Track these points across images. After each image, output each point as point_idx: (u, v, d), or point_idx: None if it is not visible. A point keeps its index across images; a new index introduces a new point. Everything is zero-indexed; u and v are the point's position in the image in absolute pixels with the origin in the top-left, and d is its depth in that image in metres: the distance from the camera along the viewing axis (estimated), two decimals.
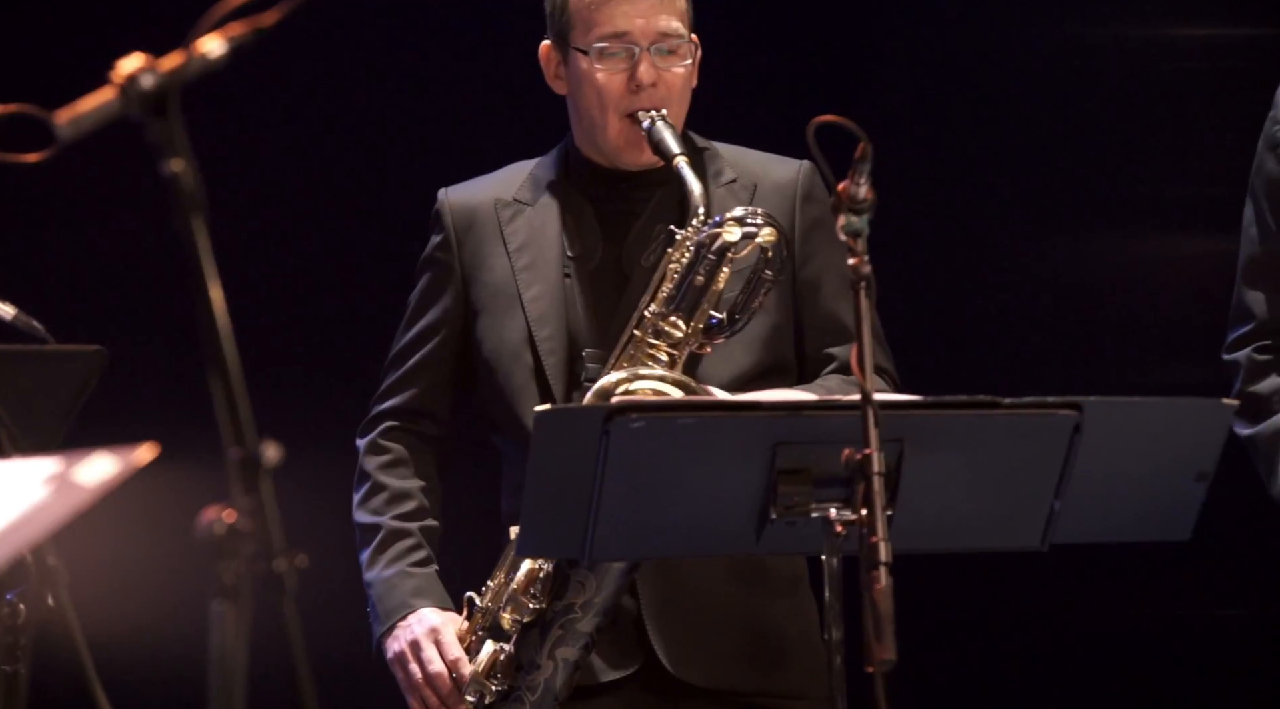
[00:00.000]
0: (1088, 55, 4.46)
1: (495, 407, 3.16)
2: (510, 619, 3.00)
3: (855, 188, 2.40)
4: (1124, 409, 2.48)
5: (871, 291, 2.40)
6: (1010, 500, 2.48)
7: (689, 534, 2.50)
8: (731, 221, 2.98)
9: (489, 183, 3.26)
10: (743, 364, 3.10)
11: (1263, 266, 3.08)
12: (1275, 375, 3.05)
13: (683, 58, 3.10)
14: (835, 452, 2.37)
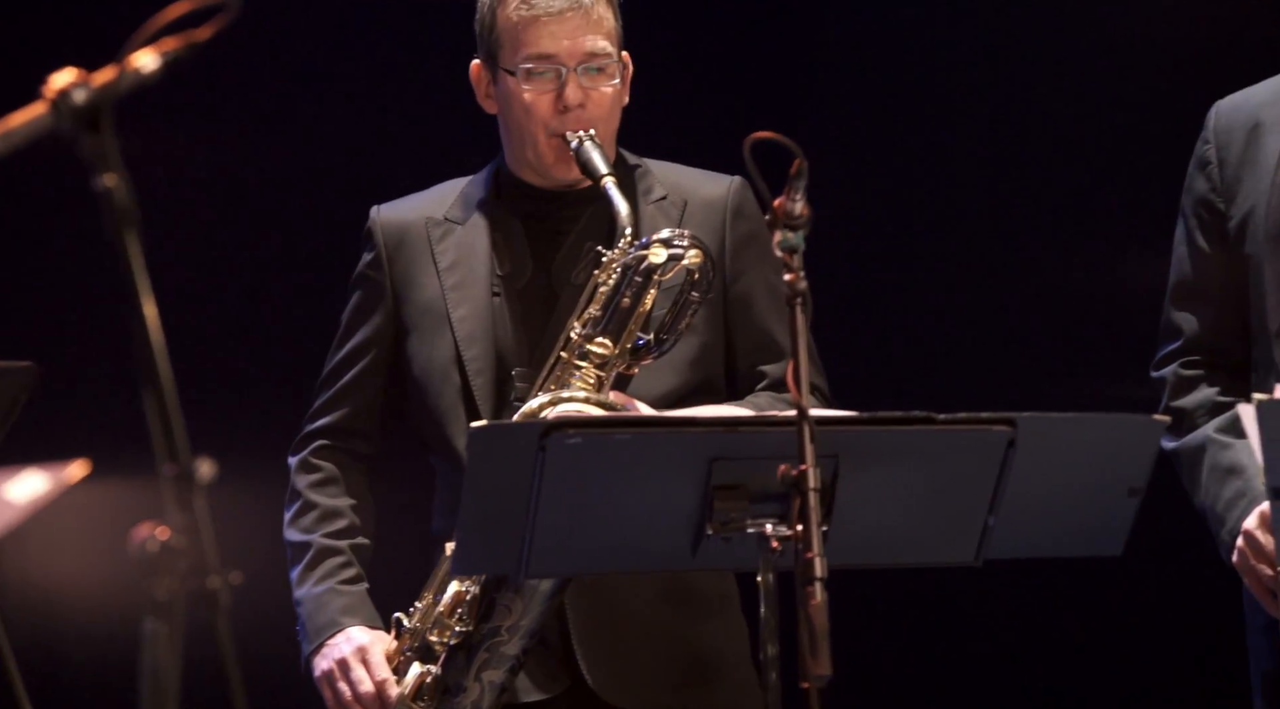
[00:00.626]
0: (1025, 70, 4.48)
1: (425, 426, 3.16)
2: (437, 641, 2.99)
3: (791, 204, 2.41)
4: (1058, 424, 2.49)
5: (807, 307, 2.41)
6: (945, 516, 2.49)
7: (625, 550, 2.50)
8: (658, 243, 2.99)
9: (420, 201, 3.25)
10: (672, 383, 3.10)
11: (1191, 286, 3.11)
12: (1200, 390, 3.08)
13: (610, 77, 3.11)
14: (771, 467, 2.37)
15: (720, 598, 3.15)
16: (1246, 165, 3.07)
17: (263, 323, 4.53)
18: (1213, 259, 3.09)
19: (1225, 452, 3.02)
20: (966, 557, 2.51)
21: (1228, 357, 3.10)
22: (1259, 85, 3.13)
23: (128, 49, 1.84)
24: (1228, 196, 3.09)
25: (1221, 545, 3.02)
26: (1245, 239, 3.05)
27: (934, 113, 4.54)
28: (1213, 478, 3.02)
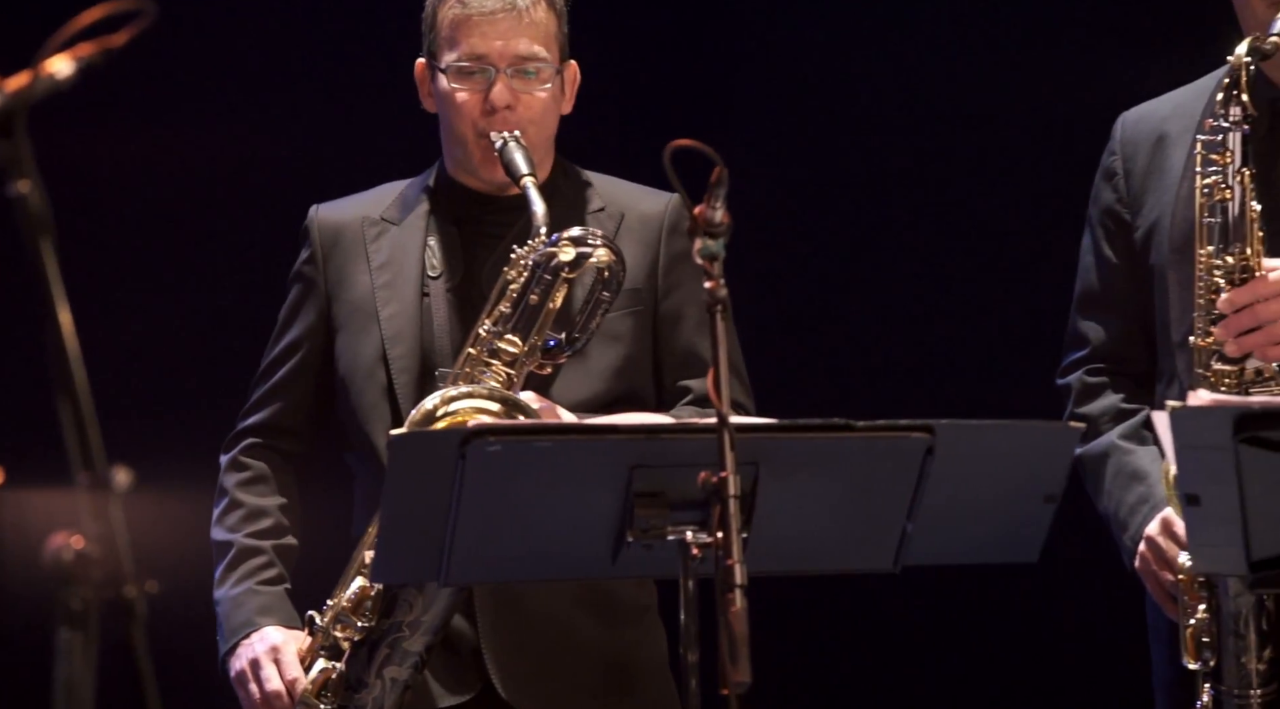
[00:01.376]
0: (946, 79, 4.51)
1: (349, 424, 3.15)
2: (342, 637, 2.98)
3: (711, 212, 2.42)
4: (975, 432, 2.51)
5: (728, 315, 2.42)
6: (864, 522, 2.50)
7: (546, 557, 2.50)
8: (567, 241, 2.99)
9: (359, 201, 3.26)
10: (593, 389, 3.10)
11: (1098, 295, 3.13)
12: (1104, 397, 3.11)
13: (544, 82, 3.11)
14: (692, 474, 2.37)
15: (640, 607, 3.15)
16: (1152, 176, 3.11)
17: (182, 326, 4.49)
18: (1119, 269, 3.12)
19: (1129, 458, 3.05)
20: (885, 564, 2.52)
21: (1132, 366, 3.13)
22: (1164, 97, 3.18)
23: (42, 54, 1.82)
24: (1134, 207, 3.12)
25: (1124, 551, 3.05)
26: (1151, 250, 3.09)
27: (856, 120, 4.55)
28: (1116, 484, 3.05)
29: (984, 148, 4.46)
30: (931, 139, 4.51)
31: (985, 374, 4.26)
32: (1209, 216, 2.95)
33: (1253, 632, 2.86)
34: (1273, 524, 2.35)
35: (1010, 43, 4.49)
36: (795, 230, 4.54)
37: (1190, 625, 2.91)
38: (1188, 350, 3.00)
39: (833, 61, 4.55)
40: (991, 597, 4.42)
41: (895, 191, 4.55)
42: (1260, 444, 2.33)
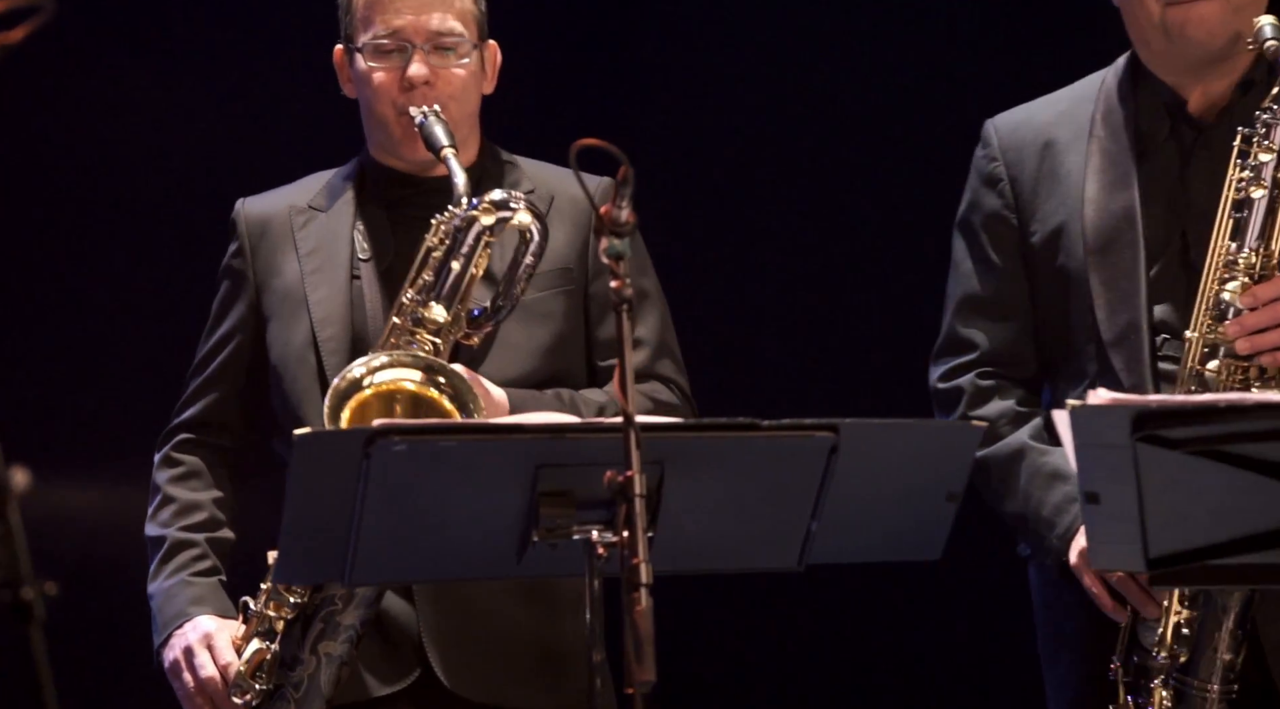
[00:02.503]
0: (851, 76, 4.53)
1: (282, 411, 3.14)
2: (276, 617, 2.97)
3: (617, 211, 2.42)
4: (879, 431, 2.53)
5: (633, 313, 2.43)
6: (769, 521, 2.52)
7: (451, 557, 2.50)
8: (488, 205, 2.98)
9: (286, 192, 3.26)
10: (525, 368, 3.10)
11: (984, 300, 3.15)
12: (998, 400, 3.13)
13: (462, 57, 3.11)
14: (597, 473, 2.38)
15: (577, 597, 3.12)
16: (1044, 181, 3.13)
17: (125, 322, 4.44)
18: (1008, 274, 3.14)
19: (1046, 458, 3.07)
20: (790, 562, 2.53)
21: (1022, 370, 3.15)
22: (1036, 103, 3.20)
23: None
24: (1026, 212, 3.14)
25: (1048, 550, 3.06)
26: (1058, 253, 3.11)
27: (767, 116, 4.57)
28: (1034, 484, 3.07)
29: (890, 145, 4.49)
30: (840, 134, 4.53)
31: (889, 373, 4.28)
32: (1237, 212, 2.96)
33: (1236, 626, 2.89)
34: (1170, 522, 2.38)
35: (912, 45, 4.52)
36: (701, 228, 4.55)
37: (1140, 620, 2.93)
38: (1126, 348, 3.03)
39: (738, 63, 4.56)
40: (898, 593, 4.45)
41: (801, 189, 4.57)
42: (1158, 442, 2.36)
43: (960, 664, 4.53)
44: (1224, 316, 2.96)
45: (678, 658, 3.78)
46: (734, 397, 4.30)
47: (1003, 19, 4.46)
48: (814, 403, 2.96)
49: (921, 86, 4.47)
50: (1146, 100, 3.10)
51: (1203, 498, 2.37)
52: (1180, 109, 3.09)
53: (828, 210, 4.55)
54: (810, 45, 4.54)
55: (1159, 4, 3.03)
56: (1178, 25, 3.01)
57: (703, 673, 4.52)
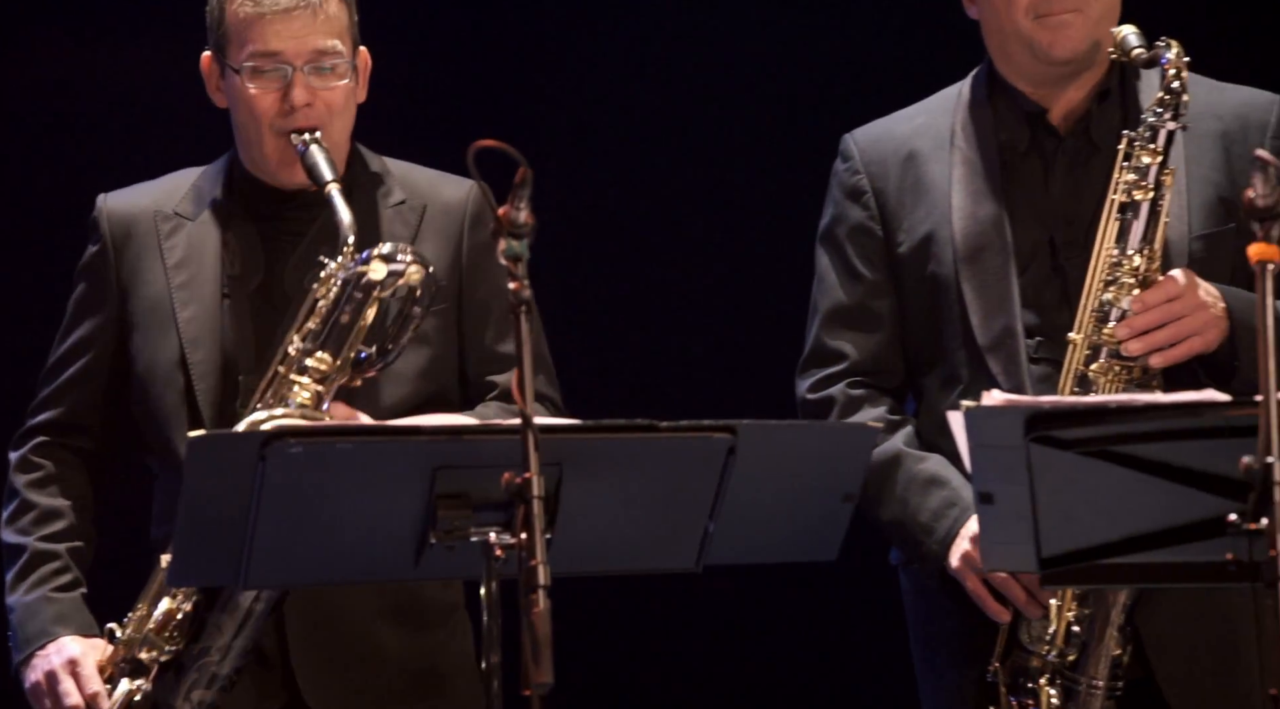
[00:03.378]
0: (744, 87, 4.55)
1: (146, 428, 3.10)
2: (149, 658, 2.94)
3: (515, 212, 2.42)
4: (776, 432, 2.54)
5: (532, 315, 2.42)
6: (667, 522, 2.52)
7: (347, 560, 2.49)
8: (378, 259, 2.95)
9: (150, 191, 3.19)
10: (401, 394, 3.08)
11: (851, 311, 3.17)
12: (869, 408, 3.15)
13: (341, 76, 3.07)
14: (495, 475, 2.38)
15: (447, 608, 3.13)
16: (909, 192, 3.17)
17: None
18: (874, 284, 3.17)
19: (921, 464, 3.10)
20: (687, 563, 2.54)
21: (890, 379, 3.18)
22: (894, 117, 3.24)
23: None
24: (892, 223, 3.17)
25: (927, 555, 3.07)
26: (927, 260, 3.14)
27: (657, 120, 4.58)
28: (911, 490, 3.09)
29: (791, 145, 4.51)
30: (737, 136, 4.55)
31: (787, 375, 4.30)
32: (1120, 215, 3.01)
33: (1125, 622, 2.93)
34: (1062, 522, 2.41)
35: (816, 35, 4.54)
36: (599, 230, 4.55)
37: (1026, 621, 2.95)
38: (1003, 352, 3.06)
39: (634, 67, 4.57)
40: (794, 594, 4.46)
41: (700, 190, 4.58)
42: (1051, 443, 2.38)
43: (841, 668, 4.55)
44: (1107, 319, 3.00)
45: (575, 660, 3.77)
46: (633, 398, 4.31)
47: (871, 34, 4.51)
48: (712, 404, 2.97)
49: (826, 88, 4.49)
50: (1006, 111, 3.15)
51: (1094, 498, 2.40)
52: (1040, 119, 3.14)
53: (727, 211, 4.57)
54: (704, 47, 4.56)
55: (1026, 18, 3.07)
56: (1046, 41, 3.05)
57: (599, 675, 4.52)
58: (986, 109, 3.15)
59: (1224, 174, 3.10)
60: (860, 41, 4.52)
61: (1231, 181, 3.10)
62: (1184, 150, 3.09)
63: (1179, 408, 2.38)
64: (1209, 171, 3.08)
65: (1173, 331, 2.97)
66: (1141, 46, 3.01)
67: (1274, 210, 2.28)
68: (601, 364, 4.48)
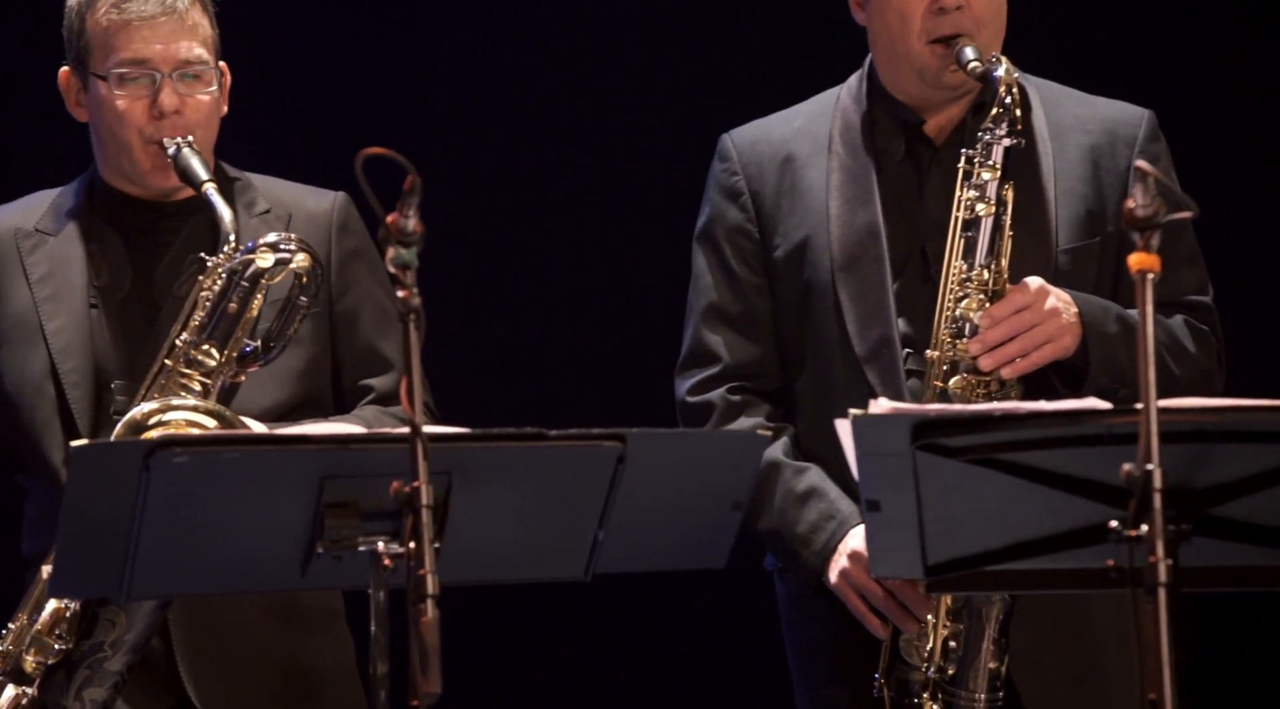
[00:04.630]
0: (614, 92, 4.56)
1: (18, 443, 3.07)
2: (34, 661, 2.91)
3: (403, 220, 2.41)
4: (666, 440, 2.55)
5: (420, 323, 2.41)
6: (556, 531, 2.52)
7: (233, 570, 2.47)
8: (265, 248, 2.96)
9: (8, 211, 3.18)
10: (279, 395, 3.08)
11: (729, 312, 3.18)
12: (749, 416, 3.15)
13: (207, 84, 3.08)
14: (384, 484, 2.37)
15: (328, 614, 3.13)
16: (785, 196, 3.18)
17: None
18: (753, 286, 3.18)
19: (800, 475, 3.10)
20: (576, 572, 2.54)
21: (768, 383, 3.19)
22: (773, 118, 3.25)
23: None
24: (768, 226, 3.18)
25: (803, 567, 3.08)
26: (802, 266, 3.15)
27: (545, 125, 4.57)
28: (789, 501, 3.09)
29: (671, 150, 4.52)
30: (622, 140, 4.55)
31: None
32: (967, 231, 3.03)
33: (999, 635, 2.95)
34: (948, 529, 2.42)
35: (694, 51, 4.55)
36: (485, 237, 4.54)
37: (906, 635, 2.97)
38: (881, 362, 3.07)
39: (510, 77, 4.57)
40: (684, 601, 4.46)
41: (588, 197, 4.57)
42: (937, 451, 2.40)
43: (717, 674, 4.56)
44: (962, 333, 3.03)
45: (463, 669, 3.76)
46: (522, 406, 4.31)
47: (746, 32, 4.53)
48: (602, 412, 2.98)
49: (704, 86, 4.50)
50: (883, 119, 3.17)
51: (979, 505, 2.41)
52: (916, 129, 3.16)
53: (615, 218, 4.57)
54: (582, 46, 4.56)
55: (919, 41, 3.08)
56: (937, 67, 3.07)
57: (486, 684, 4.51)
58: (865, 116, 3.17)
59: (1091, 187, 3.13)
60: (738, 39, 4.53)
61: (1099, 195, 3.13)
62: (1052, 163, 3.12)
63: (1062, 416, 2.40)
64: (1076, 185, 3.11)
65: (1022, 343, 3.00)
66: (977, 60, 3.03)
67: (1153, 220, 2.30)
68: (490, 372, 4.47)
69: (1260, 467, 2.33)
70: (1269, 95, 4.42)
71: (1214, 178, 4.20)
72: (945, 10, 3.06)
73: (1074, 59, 3.93)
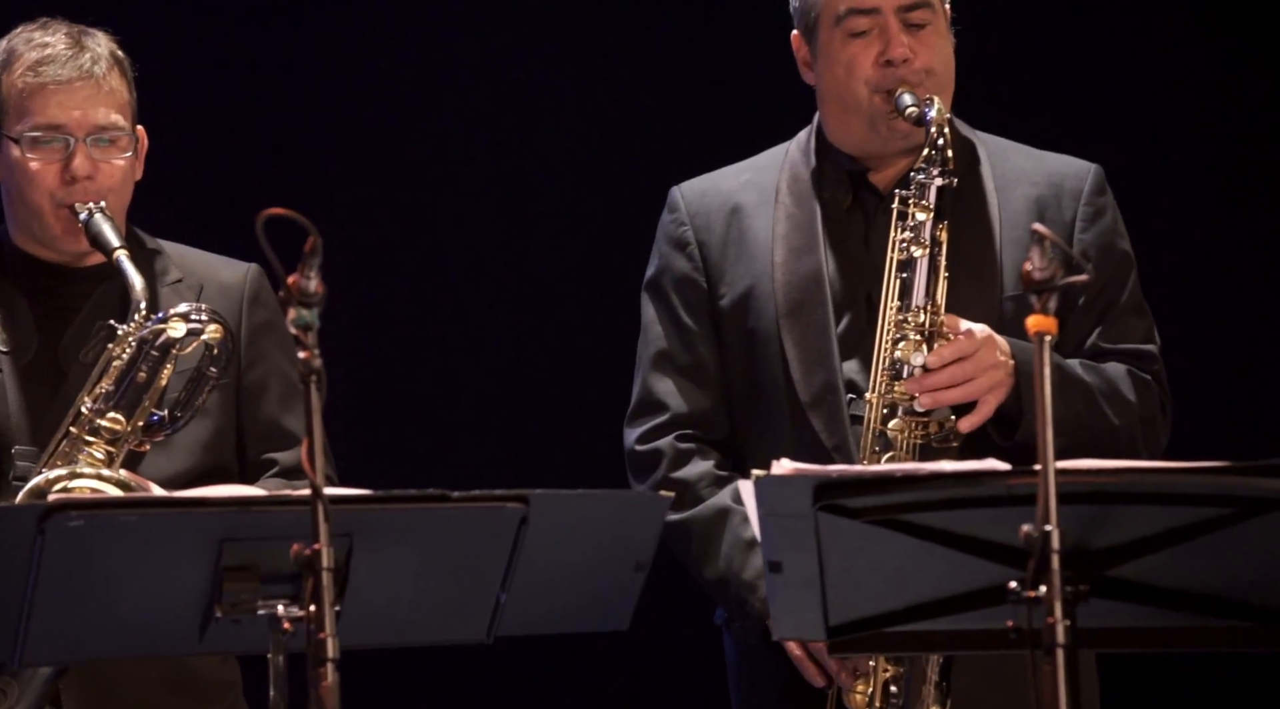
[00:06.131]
0: (531, 149, 4.56)
1: None
2: None
3: (305, 281, 2.40)
4: (569, 501, 2.54)
5: (322, 385, 2.40)
6: (458, 593, 2.51)
7: (130, 634, 2.44)
8: (176, 318, 2.96)
9: None
10: (185, 464, 3.06)
11: (676, 362, 3.19)
12: (697, 462, 3.17)
13: (123, 150, 3.07)
14: (284, 547, 2.35)
15: (224, 685, 3.10)
16: (733, 245, 3.20)
17: None
18: (700, 336, 3.19)
19: (749, 522, 3.09)
20: (479, 634, 2.52)
21: (717, 432, 3.20)
22: (721, 172, 3.28)
23: None
24: (715, 276, 3.20)
25: (750, 615, 3.08)
26: (747, 315, 3.17)
27: (448, 186, 4.57)
28: (737, 548, 3.10)
29: (582, 210, 4.52)
30: (530, 198, 4.55)
31: (580, 442, 4.30)
32: (901, 273, 3.05)
33: (941, 679, 2.95)
34: (849, 590, 2.42)
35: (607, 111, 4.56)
36: (389, 297, 4.53)
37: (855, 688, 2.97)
38: (826, 408, 3.08)
39: (428, 135, 4.57)
40: (587, 664, 4.45)
41: (490, 256, 4.57)
42: (838, 511, 2.40)
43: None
44: (900, 375, 3.04)
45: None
46: (424, 467, 4.29)
47: (690, 90, 4.55)
48: (505, 473, 2.97)
49: (613, 152, 4.52)
50: (830, 170, 3.19)
51: (881, 566, 2.42)
52: (862, 177, 3.19)
53: (518, 276, 4.56)
54: (506, 105, 4.56)
55: (866, 89, 3.11)
56: (887, 113, 3.10)
57: None
58: (814, 166, 3.19)
59: (1033, 238, 3.15)
60: (688, 95, 4.55)
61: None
62: (998, 214, 3.14)
63: (961, 477, 2.41)
64: (1022, 235, 3.13)
65: (963, 393, 3.02)
66: (914, 105, 3.06)
67: (1051, 282, 2.32)
68: (392, 432, 4.45)
69: (1156, 528, 2.35)
70: (1217, 149, 4.48)
71: (1164, 231, 4.27)
72: (893, 63, 3.09)
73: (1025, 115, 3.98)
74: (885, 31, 3.10)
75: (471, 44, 4.56)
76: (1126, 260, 3.19)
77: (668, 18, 4.57)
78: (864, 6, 3.11)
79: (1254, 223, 4.48)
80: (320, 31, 4.55)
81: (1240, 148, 4.49)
